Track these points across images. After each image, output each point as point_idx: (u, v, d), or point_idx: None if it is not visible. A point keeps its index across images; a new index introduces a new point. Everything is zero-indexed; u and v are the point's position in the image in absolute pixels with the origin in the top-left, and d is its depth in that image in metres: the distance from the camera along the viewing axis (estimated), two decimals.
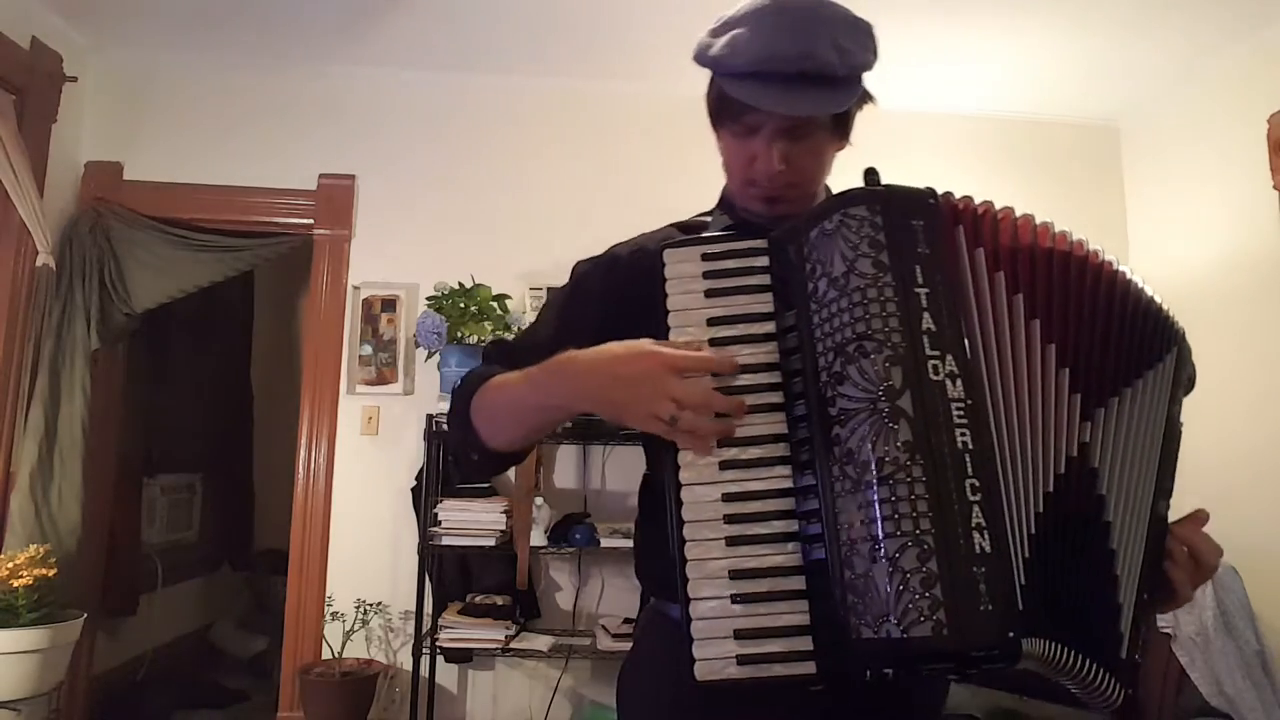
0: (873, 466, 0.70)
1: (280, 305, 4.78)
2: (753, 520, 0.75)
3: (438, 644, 2.75)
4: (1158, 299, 0.89)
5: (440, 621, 2.76)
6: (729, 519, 0.75)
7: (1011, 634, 0.68)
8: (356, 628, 2.88)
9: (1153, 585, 0.79)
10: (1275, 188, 2.68)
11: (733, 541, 0.74)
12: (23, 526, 2.66)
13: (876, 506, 0.70)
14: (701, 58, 0.98)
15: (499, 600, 2.80)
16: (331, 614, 2.89)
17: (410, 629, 2.92)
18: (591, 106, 3.27)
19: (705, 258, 0.82)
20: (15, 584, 2.35)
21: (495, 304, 2.91)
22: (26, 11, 2.80)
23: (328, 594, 2.95)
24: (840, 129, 0.98)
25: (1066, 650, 0.73)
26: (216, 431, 4.29)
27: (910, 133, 3.39)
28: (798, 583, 0.73)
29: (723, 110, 0.97)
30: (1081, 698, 0.77)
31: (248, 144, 3.18)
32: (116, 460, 3.21)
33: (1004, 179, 3.41)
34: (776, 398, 0.77)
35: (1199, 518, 0.90)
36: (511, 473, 2.78)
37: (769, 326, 0.79)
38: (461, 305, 2.87)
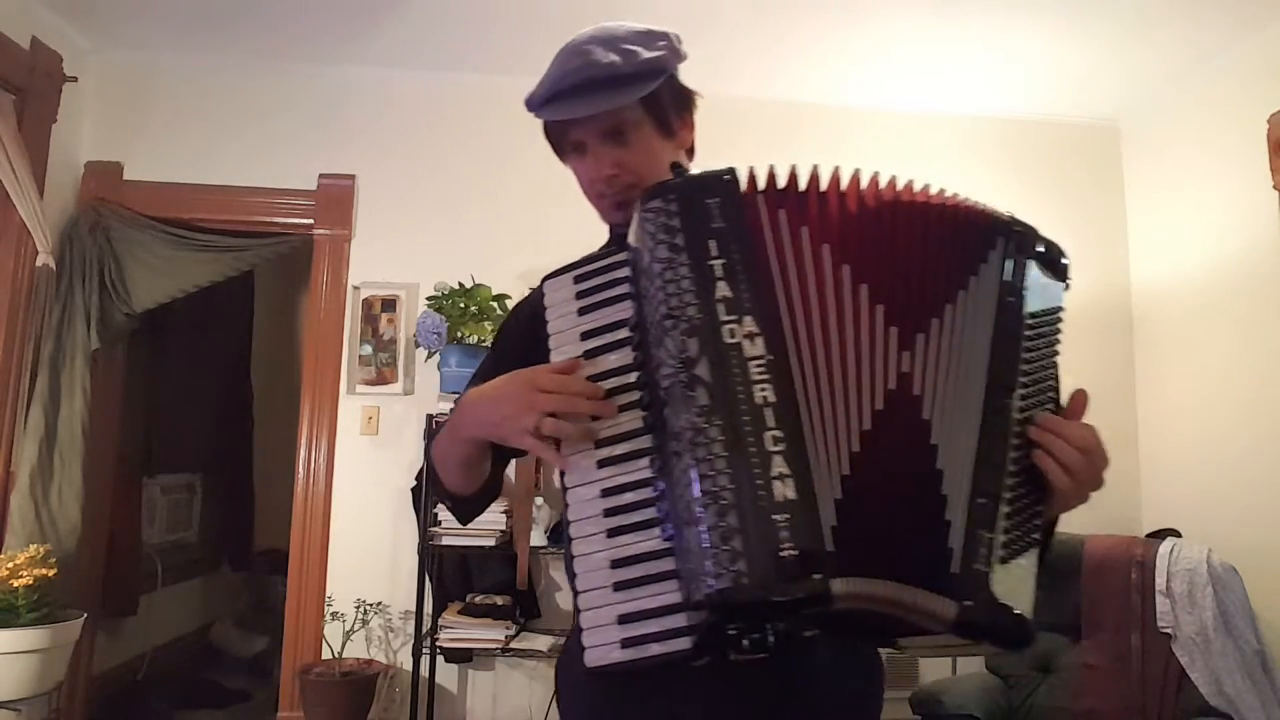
0: (681, 435, 0.74)
1: (280, 305, 4.78)
2: (627, 511, 0.79)
3: (438, 644, 2.75)
4: (972, 207, 0.88)
5: (440, 621, 2.76)
6: (608, 512, 0.79)
7: (818, 576, 0.69)
8: (356, 628, 2.88)
9: (992, 484, 0.77)
10: (1275, 188, 2.68)
11: (612, 533, 0.78)
12: (23, 526, 2.66)
13: (686, 473, 0.73)
14: (527, 99, 1.06)
15: (499, 600, 2.80)
16: (331, 614, 2.89)
17: (410, 629, 2.92)
18: None
19: (577, 279, 0.88)
20: (15, 584, 2.35)
21: (495, 304, 2.91)
22: (26, 11, 2.80)
23: (328, 594, 2.95)
24: (661, 125, 1.04)
25: (885, 583, 0.73)
26: (216, 431, 4.29)
27: (911, 133, 3.39)
28: (668, 564, 0.76)
29: (553, 141, 1.07)
30: (919, 623, 0.75)
31: (248, 144, 3.18)
32: (116, 460, 3.21)
33: (1004, 179, 3.41)
34: (635, 395, 0.82)
35: (1076, 400, 0.88)
36: (511, 473, 2.78)
37: (626, 331, 0.84)
38: (461, 305, 2.87)
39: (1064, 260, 0.91)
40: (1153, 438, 3.26)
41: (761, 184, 0.83)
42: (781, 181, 0.83)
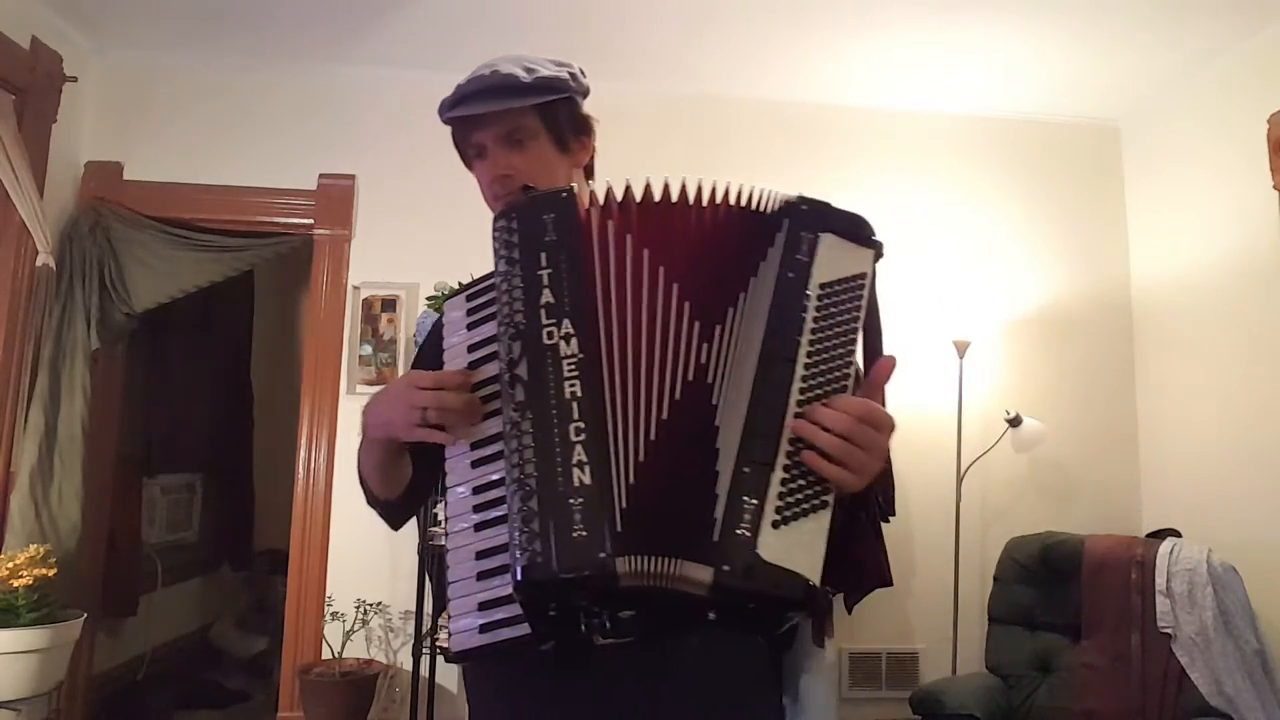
0: (502, 431, 0.82)
1: (280, 305, 4.78)
2: (491, 506, 0.85)
3: (438, 644, 2.75)
4: (761, 196, 0.90)
5: (440, 621, 2.76)
6: (476, 508, 0.86)
7: (603, 554, 0.74)
8: (356, 628, 2.88)
9: (761, 455, 0.79)
10: (1275, 188, 2.68)
11: (478, 527, 0.85)
12: (23, 526, 2.65)
13: (506, 464, 0.80)
14: (439, 108, 1.12)
15: None
16: (331, 614, 2.89)
17: (410, 629, 2.92)
18: (591, 106, 3.27)
19: (469, 298, 0.96)
20: (15, 584, 2.35)
21: None
22: (26, 11, 2.80)
23: (328, 594, 2.95)
24: (558, 140, 1.10)
25: (661, 560, 0.77)
26: (216, 431, 4.29)
27: (912, 133, 3.39)
28: None
29: (459, 147, 1.13)
30: (688, 591, 0.77)
31: (248, 144, 3.17)
32: (116, 460, 3.21)
33: (1004, 179, 3.42)
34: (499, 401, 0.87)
35: (880, 368, 0.89)
36: None
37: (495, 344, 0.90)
38: None
39: (865, 228, 0.92)
40: (1153, 438, 3.26)
41: (600, 199, 0.89)
42: (619, 195, 0.89)
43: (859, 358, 0.87)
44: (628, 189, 0.90)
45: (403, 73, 3.22)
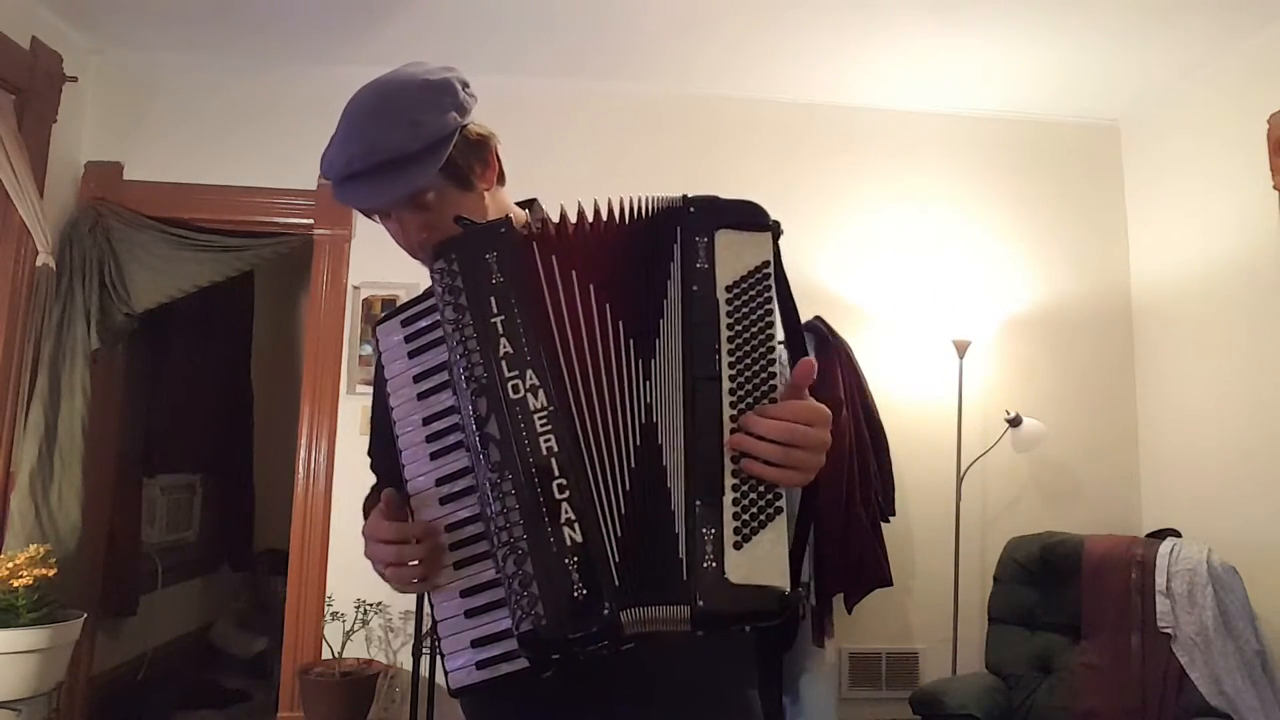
0: (484, 488, 0.80)
1: (280, 305, 4.78)
2: (468, 544, 0.84)
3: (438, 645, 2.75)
4: (652, 207, 0.86)
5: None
6: (452, 546, 0.85)
7: (606, 611, 0.75)
8: (356, 628, 2.88)
9: (708, 484, 0.78)
10: (1275, 188, 2.68)
11: (459, 565, 0.84)
12: (23, 526, 2.66)
13: (493, 522, 0.80)
14: (321, 171, 1.02)
15: None
16: (331, 614, 2.89)
17: (410, 629, 2.92)
18: (591, 106, 3.27)
19: (404, 323, 0.91)
20: (15, 584, 2.35)
21: None
22: (26, 11, 2.80)
23: (328, 594, 2.95)
24: (460, 182, 1.00)
25: (648, 609, 0.77)
26: (216, 431, 4.29)
27: (912, 133, 3.39)
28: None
29: (356, 208, 1.05)
30: (675, 631, 0.78)
31: (248, 144, 3.17)
32: (116, 460, 3.21)
33: (1004, 179, 3.41)
34: (461, 435, 0.86)
35: (800, 371, 0.82)
36: None
37: (446, 374, 0.88)
38: None
39: (757, 213, 0.85)
40: (1153, 438, 3.26)
41: (537, 229, 0.86)
42: (554, 223, 0.86)
43: (780, 348, 0.85)
44: (562, 215, 0.86)
45: None
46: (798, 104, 3.35)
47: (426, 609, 2.81)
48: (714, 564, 0.77)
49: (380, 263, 3.16)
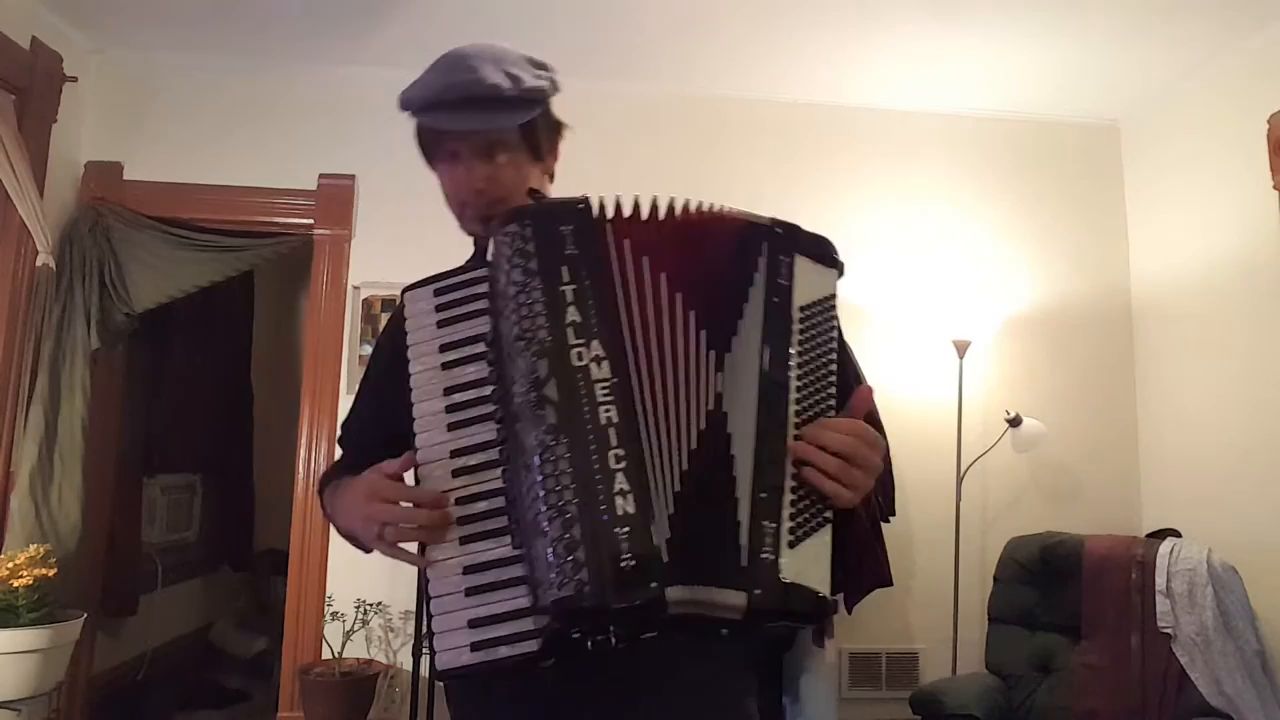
0: (530, 452, 0.79)
1: (280, 305, 4.78)
2: (479, 519, 0.83)
3: None
4: (737, 217, 0.91)
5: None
6: (460, 520, 0.83)
7: (654, 584, 0.74)
8: (356, 628, 2.88)
9: (772, 481, 0.81)
10: (1275, 188, 2.68)
11: (464, 540, 0.82)
12: (23, 526, 2.65)
13: (535, 488, 0.78)
14: (405, 99, 1.09)
15: None
16: (331, 614, 2.89)
17: (410, 629, 2.92)
18: (591, 106, 3.25)
19: (437, 293, 0.92)
20: (15, 584, 2.35)
21: None
22: (26, 11, 2.80)
23: (328, 594, 2.95)
24: (533, 150, 1.07)
25: (702, 589, 0.78)
26: (216, 431, 4.29)
27: (911, 133, 3.39)
28: (518, 570, 0.80)
29: (426, 145, 1.10)
30: (722, 617, 0.79)
31: (248, 144, 3.17)
32: (116, 460, 3.21)
33: (1004, 179, 3.42)
34: (490, 408, 0.85)
35: (859, 398, 0.89)
36: None
37: (483, 346, 0.88)
38: None
39: (830, 248, 0.94)
40: (1153, 438, 3.26)
41: (610, 213, 0.88)
42: (627, 210, 0.88)
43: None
44: (636, 205, 0.88)
45: (403, 73, 3.16)
46: (798, 104, 3.35)
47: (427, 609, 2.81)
48: (771, 557, 0.78)
49: (380, 263, 3.17)
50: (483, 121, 1.00)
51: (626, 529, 0.75)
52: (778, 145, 3.31)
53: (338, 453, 3.26)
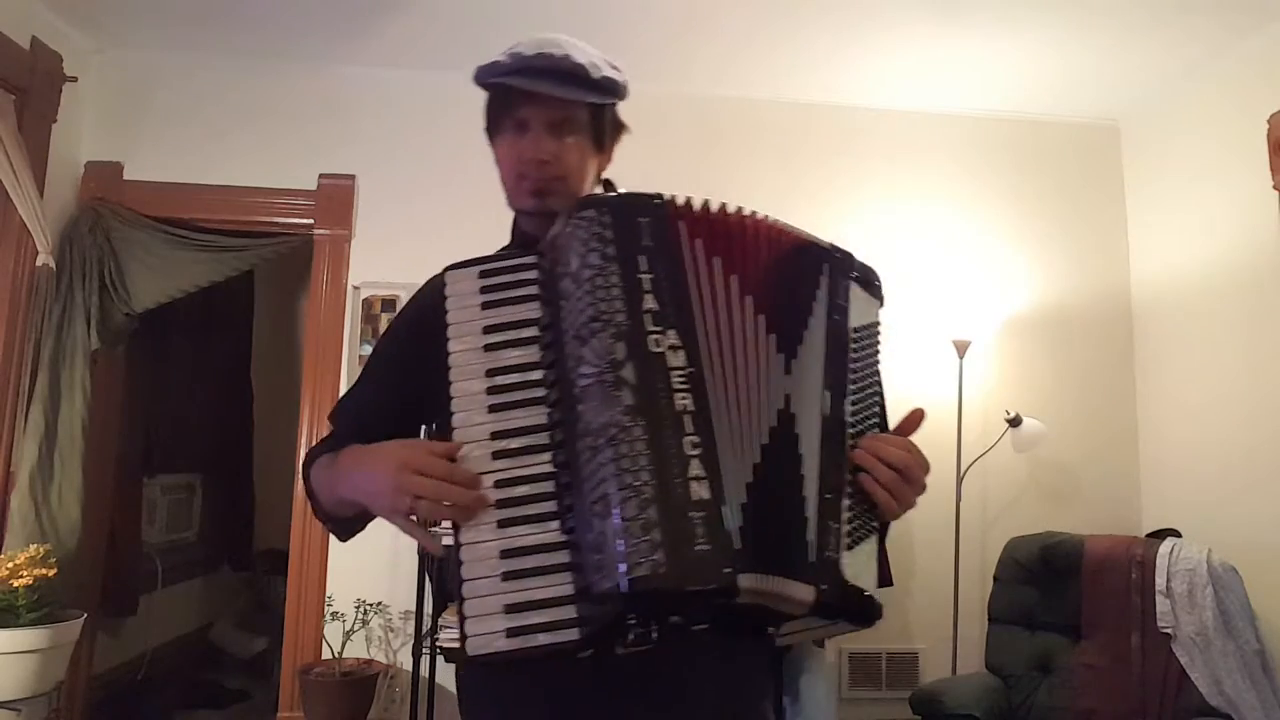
0: (602, 431, 0.78)
1: (280, 305, 4.78)
2: (519, 504, 0.81)
3: (438, 644, 2.75)
4: (804, 235, 0.97)
5: (440, 621, 2.75)
6: (499, 504, 0.81)
7: (728, 570, 0.74)
8: (356, 628, 2.88)
9: (834, 484, 0.85)
10: (1275, 188, 2.68)
11: (503, 524, 0.81)
12: (23, 526, 2.66)
13: (604, 468, 0.77)
14: (483, 69, 1.09)
15: None
16: (331, 614, 2.89)
17: (410, 629, 2.92)
18: None
19: (482, 274, 0.91)
20: (15, 584, 2.35)
21: None
22: (26, 11, 2.80)
23: (328, 594, 2.95)
24: (598, 139, 1.09)
25: (772, 579, 0.79)
26: (216, 431, 4.29)
27: (911, 133, 3.39)
28: (564, 557, 0.79)
29: (495, 112, 1.09)
30: (786, 610, 0.81)
31: (248, 144, 3.17)
32: (116, 460, 3.21)
33: (1004, 179, 3.42)
34: (540, 392, 0.85)
35: (911, 419, 0.95)
36: None
37: (533, 330, 0.88)
38: None
39: (878, 279, 1.02)
40: (1153, 438, 3.26)
41: (684, 212, 0.89)
42: (698, 211, 0.90)
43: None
44: (706, 206, 0.90)
45: (402, 73, 3.22)
46: (798, 104, 3.35)
47: (428, 609, 2.81)
48: (834, 556, 0.81)
49: (380, 263, 3.17)
50: (565, 91, 1.02)
51: (702, 513, 0.75)
52: (778, 145, 3.31)
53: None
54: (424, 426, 1.09)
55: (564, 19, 2.81)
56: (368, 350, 3.10)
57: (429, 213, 3.19)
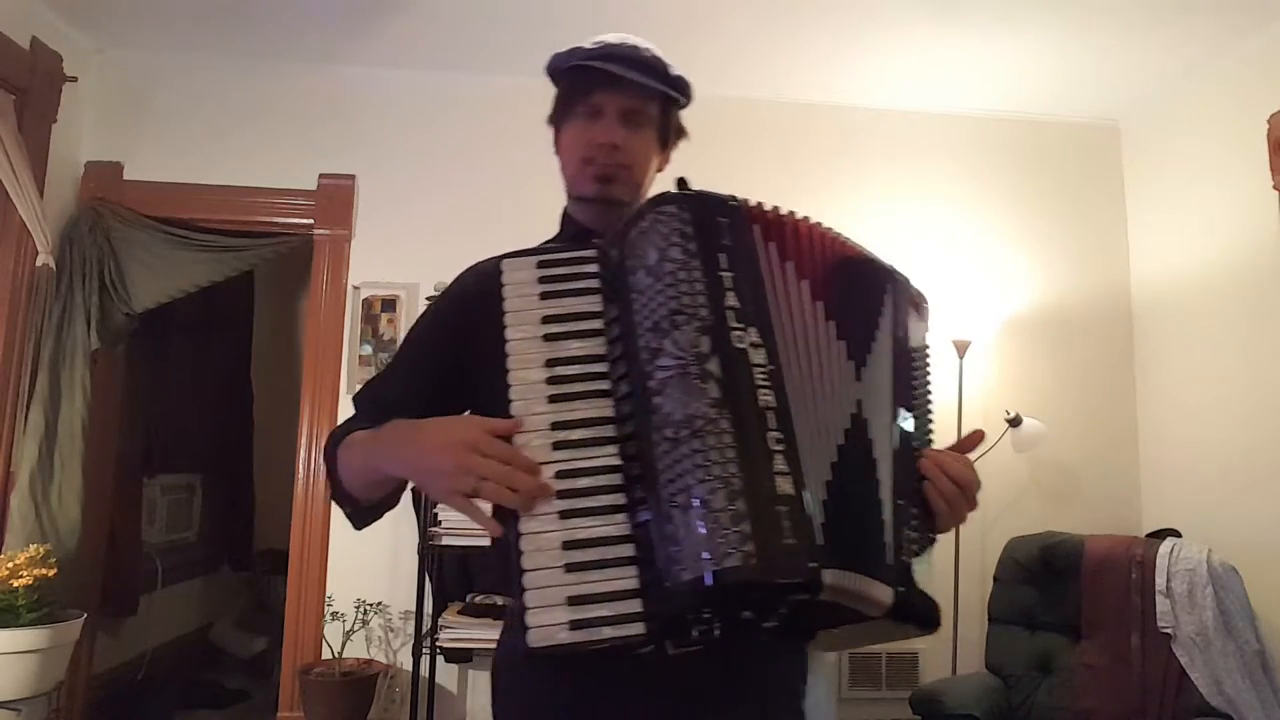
0: (686, 423, 0.78)
1: (280, 305, 4.78)
2: (582, 495, 0.80)
3: (438, 644, 2.75)
4: (872, 254, 1.01)
5: (440, 621, 2.76)
6: (561, 494, 0.80)
7: (814, 564, 0.75)
8: (356, 628, 2.88)
9: (905, 491, 0.88)
10: (1275, 188, 2.68)
11: (565, 515, 0.79)
12: (23, 526, 2.66)
13: (690, 458, 0.76)
14: (562, 54, 1.12)
15: (499, 600, 2.79)
16: (331, 614, 2.89)
17: (410, 629, 2.92)
18: None
19: (540, 265, 0.90)
20: (15, 584, 2.35)
21: None
22: (26, 11, 2.80)
23: (328, 594, 2.95)
24: (663, 136, 1.14)
25: (854, 576, 0.80)
26: (216, 431, 4.29)
27: (911, 133, 3.39)
28: (628, 550, 0.78)
29: (572, 95, 1.10)
30: (863, 610, 0.82)
31: (248, 144, 3.17)
32: (116, 460, 3.21)
33: (1004, 179, 3.42)
34: (604, 384, 0.84)
35: (971, 438, 1.00)
36: None
37: (597, 323, 0.87)
38: None
39: (928, 306, 1.06)
40: (1153, 438, 3.26)
41: (757, 215, 0.91)
42: (769, 213, 0.92)
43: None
44: (776, 211, 0.93)
45: (402, 73, 3.22)
46: (798, 104, 3.35)
47: (428, 609, 2.81)
48: (907, 560, 0.84)
49: (380, 263, 3.17)
50: (647, 79, 1.06)
51: (787, 508, 0.75)
52: (778, 145, 3.31)
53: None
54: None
55: (564, 19, 2.81)
56: (368, 350, 3.10)
57: (429, 213, 3.19)
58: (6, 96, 2.69)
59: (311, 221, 3.16)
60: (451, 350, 1.03)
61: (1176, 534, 2.79)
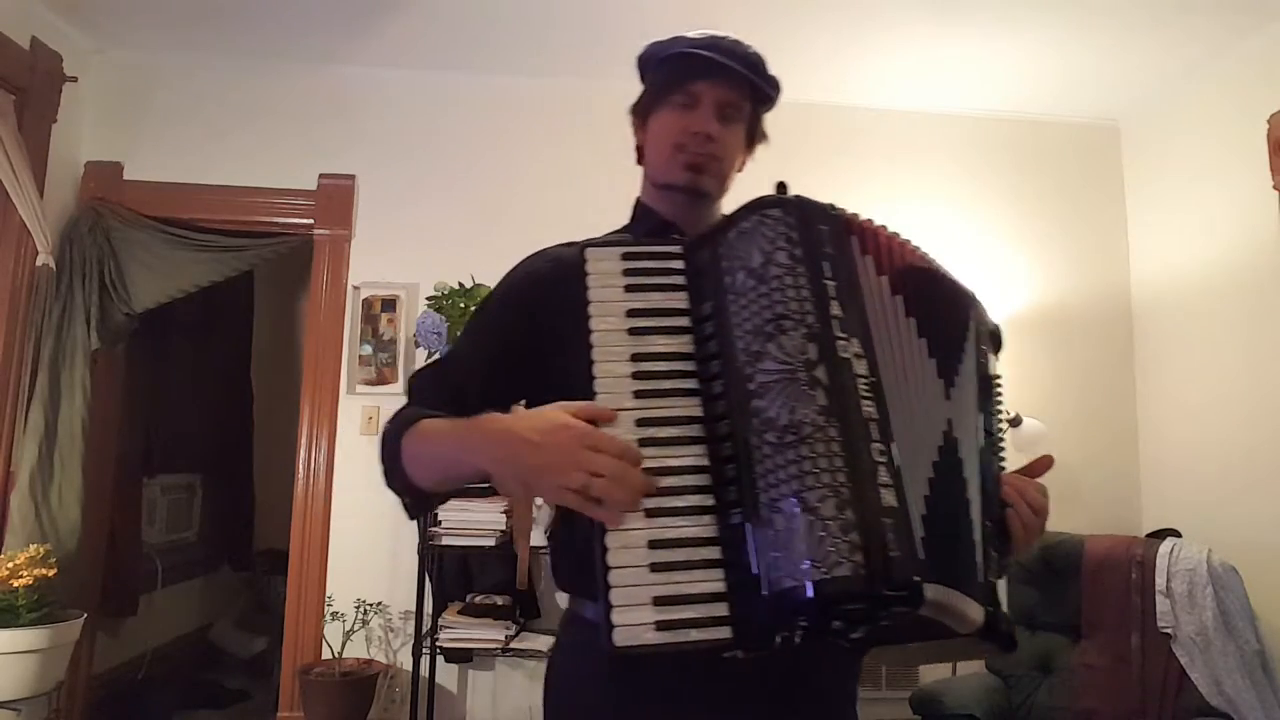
0: (793, 428, 0.76)
1: (280, 305, 4.78)
2: (670, 494, 0.78)
3: (438, 644, 2.75)
4: (958, 279, 1.02)
5: (440, 621, 2.76)
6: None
7: (917, 578, 0.75)
8: (356, 628, 2.88)
9: (992, 513, 0.89)
10: (1275, 188, 2.68)
11: (651, 514, 0.77)
12: (23, 526, 2.66)
13: (796, 464, 0.75)
14: (663, 42, 1.12)
15: (499, 600, 2.80)
16: (331, 614, 2.89)
17: (410, 629, 2.92)
18: (591, 106, 3.27)
19: (625, 257, 0.88)
20: (15, 584, 2.35)
21: None
22: (26, 11, 2.80)
23: (328, 594, 2.95)
24: (750, 135, 1.14)
25: (952, 592, 0.79)
26: (216, 431, 4.29)
27: (911, 133, 3.39)
28: (714, 552, 0.77)
29: (669, 82, 1.09)
30: (953, 627, 0.81)
31: (248, 144, 3.17)
32: (116, 460, 3.21)
33: (1004, 179, 3.42)
34: (692, 383, 0.83)
35: (1041, 463, 1.03)
36: None
37: (684, 320, 0.86)
38: (461, 305, 2.87)
39: (1001, 335, 1.10)
40: (1153, 438, 3.26)
41: (854, 226, 0.92)
42: (865, 225, 0.93)
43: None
44: (871, 222, 0.93)
45: (402, 73, 3.22)
46: (798, 104, 3.32)
47: (428, 609, 2.81)
48: (994, 581, 0.85)
49: (380, 263, 3.17)
50: (748, 73, 1.05)
51: (891, 520, 0.75)
52: (778, 145, 3.27)
53: (338, 454, 3.23)
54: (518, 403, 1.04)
55: (563, 19, 2.81)
56: (368, 350, 3.10)
57: (429, 213, 3.19)
58: (6, 96, 2.69)
59: (311, 221, 3.16)
60: (523, 334, 1.00)
61: (1176, 534, 2.79)
